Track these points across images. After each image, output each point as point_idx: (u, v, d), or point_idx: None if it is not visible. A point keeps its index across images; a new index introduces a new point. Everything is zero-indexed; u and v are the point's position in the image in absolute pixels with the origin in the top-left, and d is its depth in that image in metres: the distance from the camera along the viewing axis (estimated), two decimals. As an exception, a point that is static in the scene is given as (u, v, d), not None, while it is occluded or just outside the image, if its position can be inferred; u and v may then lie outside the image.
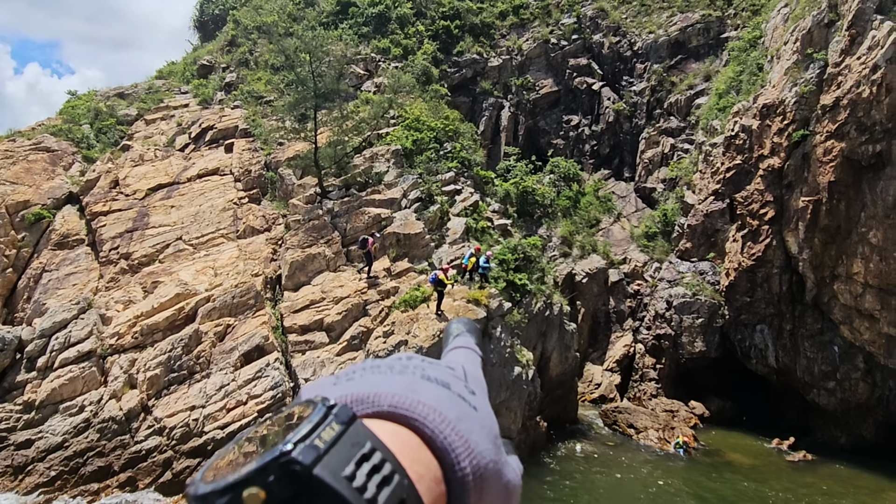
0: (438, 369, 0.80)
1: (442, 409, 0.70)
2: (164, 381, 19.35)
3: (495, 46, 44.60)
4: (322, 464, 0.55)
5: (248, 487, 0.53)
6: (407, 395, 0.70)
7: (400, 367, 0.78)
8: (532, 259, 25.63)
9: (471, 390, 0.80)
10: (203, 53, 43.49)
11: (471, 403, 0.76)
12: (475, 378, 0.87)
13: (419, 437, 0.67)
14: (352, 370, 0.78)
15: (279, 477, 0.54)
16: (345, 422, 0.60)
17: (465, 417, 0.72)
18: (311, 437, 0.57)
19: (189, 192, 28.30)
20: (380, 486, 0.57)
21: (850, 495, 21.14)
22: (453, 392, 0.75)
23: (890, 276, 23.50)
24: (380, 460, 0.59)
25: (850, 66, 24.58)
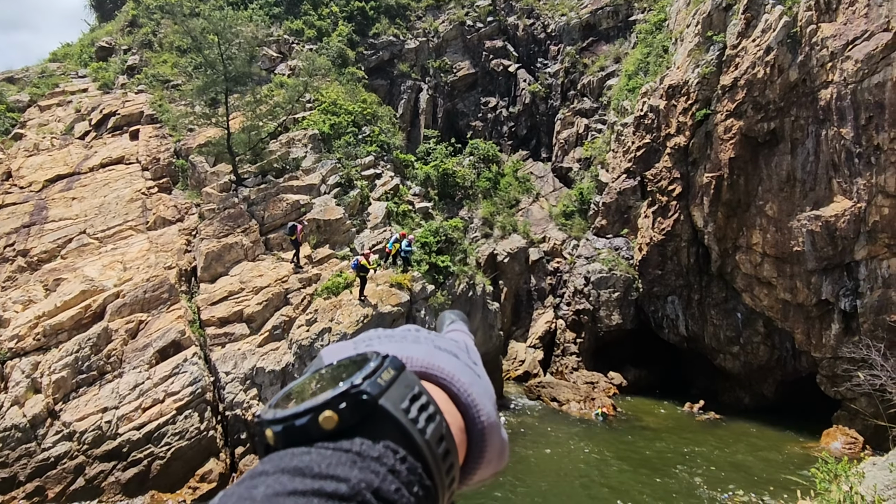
0: (446, 341, 0.91)
1: (459, 373, 0.82)
2: (71, 384, 18.33)
3: (412, 28, 44.26)
4: (385, 396, 0.66)
5: (324, 411, 0.64)
6: (429, 360, 0.81)
7: (413, 338, 0.88)
8: (454, 241, 25.86)
9: (473, 361, 0.91)
10: (102, 34, 40.87)
11: (476, 371, 0.87)
12: (474, 352, 0.97)
13: (446, 394, 0.79)
14: (367, 337, 0.88)
15: (350, 404, 0.64)
16: (397, 368, 0.71)
17: (475, 382, 0.83)
18: (374, 375, 0.67)
19: (92, 183, 26.73)
20: (427, 421, 0.68)
21: (754, 448, 22.81)
22: (461, 361, 0.86)
23: (784, 245, 25.23)
24: (426, 401, 0.70)
25: (747, 48, 25.99)
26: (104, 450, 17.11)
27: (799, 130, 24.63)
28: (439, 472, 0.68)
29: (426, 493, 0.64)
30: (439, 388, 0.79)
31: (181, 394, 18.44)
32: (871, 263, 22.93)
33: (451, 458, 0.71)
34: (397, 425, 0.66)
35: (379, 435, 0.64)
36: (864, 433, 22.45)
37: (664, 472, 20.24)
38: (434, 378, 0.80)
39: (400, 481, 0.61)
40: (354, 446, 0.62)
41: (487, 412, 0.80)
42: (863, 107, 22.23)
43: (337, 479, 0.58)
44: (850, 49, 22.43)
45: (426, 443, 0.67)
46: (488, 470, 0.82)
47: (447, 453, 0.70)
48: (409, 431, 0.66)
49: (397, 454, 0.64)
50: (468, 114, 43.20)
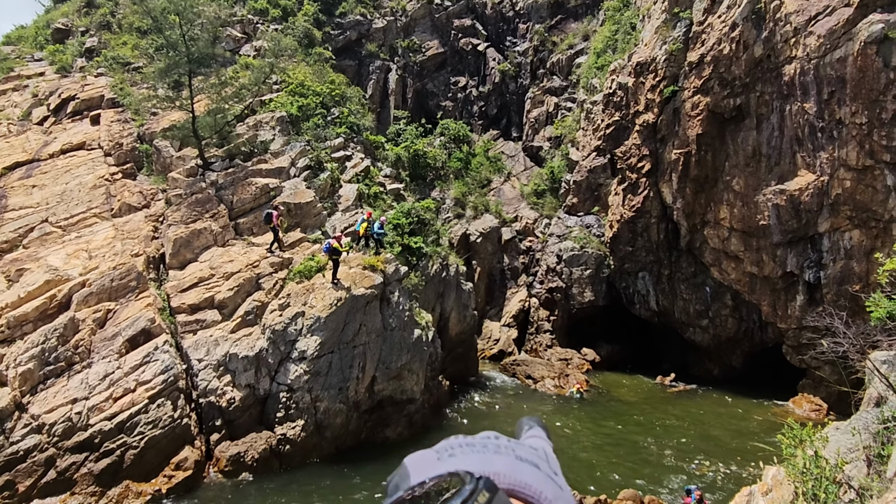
0: (527, 450, 0.91)
1: (542, 488, 0.82)
2: (38, 376, 17.93)
3: (379, 7, 43.65)
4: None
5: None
6: (514, 476, 0.81)
7: (494, 447, 0.88)
8: (426, 222, 25.80)
9: (554, 471, 0.91)
10: (58, 16, 39.47)
11: (557, 483, 0.87)
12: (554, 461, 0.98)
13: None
14: (449, 446, 0.88)
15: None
16: (491, 490, 0.72)
17: (559, 497, 0.84)
18: (471, 499, 0.69)
19: (52, 170, 25.96)
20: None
21: (724, 415, 23.45)
22: (543, 472, 0.86)
23: (751, 219, 25.71)
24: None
25: (713, 24, 26.19)
26: (75, 441, 16.83)
27: (764, 106, 25.00)
28: None
29: None
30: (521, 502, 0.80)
31: (153, 382, 18.19)
32: (834, 235, 23.51)
33: None
34: None
35: None
36: (827, 400, 23.21)
37: (636, 444, 20.69)
38: (521, 496, 0.80)
39: None
40: None
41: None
42: (825, 81, 22.62)
43: None
44: (812, 24, 22.74)
45: None
46: None
47: None
48: None
49: None
50: (438, 94, 42.92)
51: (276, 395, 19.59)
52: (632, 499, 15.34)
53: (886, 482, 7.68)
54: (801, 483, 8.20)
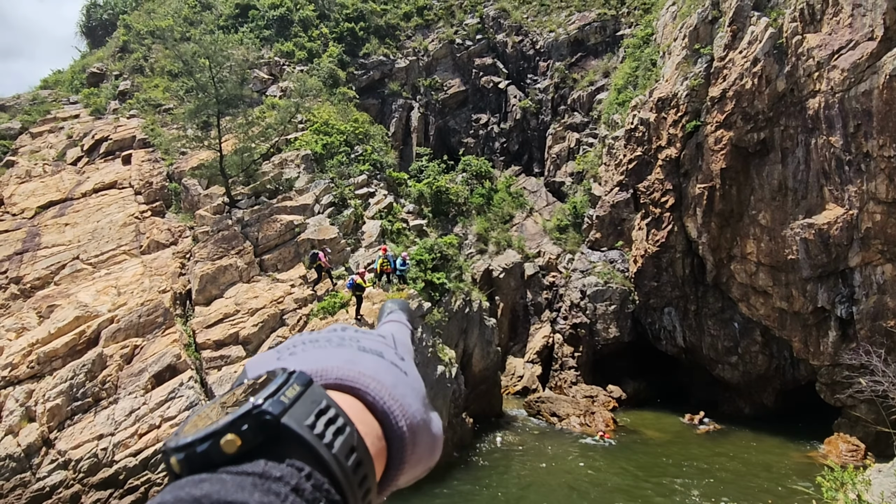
0: (371, 339, 0.90)
1: (379, 377, 0.81)
2: (66, 412, 18.09)
3: (401, 48, 44.62)
4: (288, 414, 0.65)
5: (225, 435, 0.62)
6: (349, 368, 0.80)
7: (338, 340, 0.88)
8: (449, 258, 25.83)
9: (401, 357, 0.90)
10: (93, 61, 41.03)
11: (402, 369, 0.86)
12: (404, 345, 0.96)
13: (362, 402, 0.78)
14: (291, 344, 0.87)
15: (252, 426, 0.63)
16: (304, 384, 0.70)
17: (399, 383, 0.82)
18: (277, 394, 0.66)
19: (85, 209, 26.63)
20: (335, 435, 0.67)
21: (756, 457, 22.68)
22: (386, 360, 0.85)
23: (779, 254, 25.31)
24: (334, 414, 0.69)
25: (734, 59, 26.28)
26: (100, 478, 16.85)
27: (789, 140, 24.84)
28: (350, 485, 0.67)
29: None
30: (356, 398, 0.78)
31: (178, 418, 18.21)
32: (866, 270, 23.01)
33: (363, 469, 0.70)
34: (302, 442, 0.65)
35: (283, 454, 0.64)
36: (865, 440, 22.38)
37: (663, 486, 20.08)
38: (348, 387, 0.79)
39: (304, 499, 0.61)
40: (257, 468, 0.61)
41: (410, 414, 0.80)
42: (851, 115, 22.45)
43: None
44: (835, 58, 22.69)
45: (333, 457, 0.66)
46: (417, 470, 0.83)
47: (359, 464, 0.70)
48: (313, 447, 0.65)
49: (302, 472, 0.63)
50: (460, 131, 43.42)
51: (299, 432, 19.47)
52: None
53: (934, 528, 7.33)
54: (843, 528, 7.85)
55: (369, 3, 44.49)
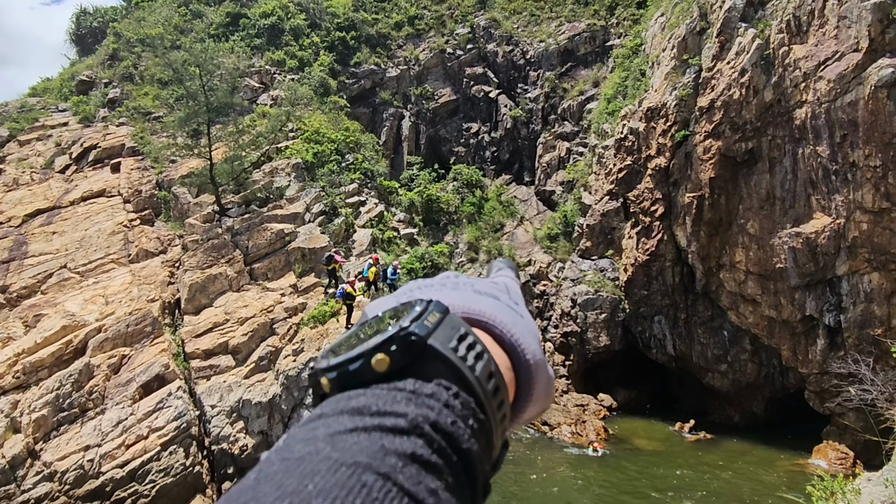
0: (486, 285, 0.92)
1: (499, 315, 0.83)
2: (52, 422, 17.88)
3: (392, 57, 44.75)
4: (433, 336, 0.68)
5: (376, 354, 0.65)
6: (470, 305, 0.82)
7: (452, 284, 0.89)
8: (440, 266, 25.85)
9: (515, 301, 0.92)
10: (82, 68, 40.84)
11: (518, 312, 0.88)
12: (516, 293, 0.97)
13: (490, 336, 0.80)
14: (408, 289, 0.89)
15: (400, 346, 0.66)
16: (442, 311, 0.72)
17: (518, 322, 0.84)
18: (421, 318, 0.69)
19: (73, 217, 26.44)
20: (476, 359, 0.70)
21: (746, 466, 22.72)
22: (502, 303, 0.87)
23: (767, 262, 25.47)
24: (473, 340, 0.71)
25: (722, 70, 26.52)
26: (87, 489, 16.65)
27: (776, 149, 25.06)
28: (491, 407, 0.70)
29: (480, 426, 0.66)
30: (483, 331, 0.80)
31: (166, 429, 18.06)
32: (853, 278, 23.20)
33: (501, 394, 0.72)
34: (447, 363, 0.67)
35: (431, 374, 0.66)
36: (854, 448, 22.49)
37: (654, 497, 20.06)
38: (476, 322, 0.81)
39: (455, 415, 0.63)
40: (408, 385, 0.64)
41: (532, 350, 0.82)
42: (837, 125, 22.69)
43: (395, 414, 0.60)
44: (822, 69, 22.96)
45: (476, 379, 0.69)
46: (536, 407, 0.84)
47: (497, 389, 0.72)
48: (459, 368, 0.68)
49: (450, 390, 0.65)
50: (451, 140, 43.53)
51: (288, 442, 19.32)
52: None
53: (923, 536, 7.37)
54: (833, 537, 7.88)
55: (360, 12, 44.63)
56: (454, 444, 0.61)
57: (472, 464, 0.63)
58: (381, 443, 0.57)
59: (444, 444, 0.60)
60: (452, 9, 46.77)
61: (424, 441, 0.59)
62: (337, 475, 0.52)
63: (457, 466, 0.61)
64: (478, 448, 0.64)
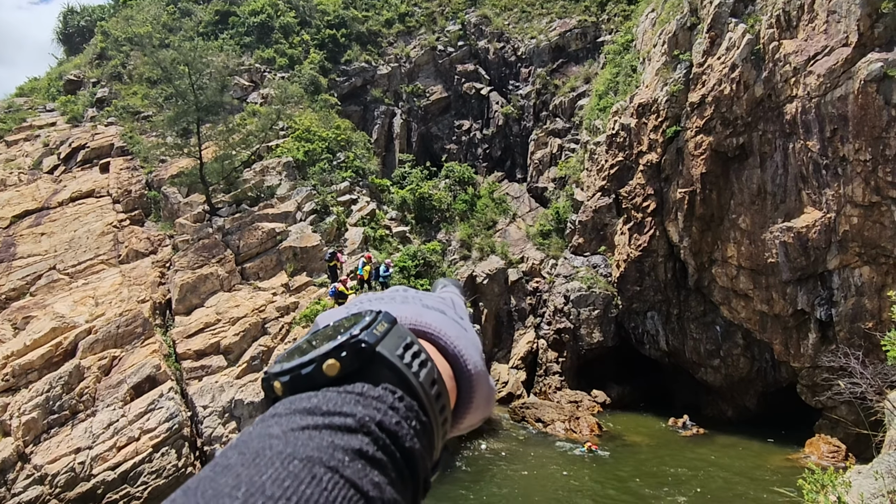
0: (433, 299, 0.98)
1: (446, 328, 0.88)
2: (42, 425, 17.74)
3: (383, 54, 44.58)
4: (382, 344, 0.73)
5: (327, 360, 0.70)
6: (418, 318, 0.87)
7: (401, 298, 0.95)
8: (432, 264, 25.79)
9: (460, 316, 0.97)
10: (70, 68, 40.50)
11: (462, 326, 0.93)
12: (461, 308, 1.03)
13: (434, 347, 0.85)
14: (359, 301, 0.94)
15: (350, 352, 0.71)
16: (390, 321, 0.77)
17: (462, 336, 0.89)
18: (371, 327, 0.74)
19: (62, 218, 26.22)
20: (420, 366, 0.75)
21: (739, 461, 22.79)
22: (448, 317, 0.92)
23: (759, 257, 25.56)
24: (418, 349, 0.76)
25: (712, 65, 26.56)
26: (78, 492, 16.53)
27: (767, 144, 25.13)
28: (433, 411, 0.74)
29: (423, 427, 0.71)
30: (429, 342, 0.85)
31: (157, 430, 17.95)
32: (844, 272, 23.30)
33: (443, 399, 0.77)
34: (394, 369, 0.72)
35: (378, 378, 0.70)
36: (845, 441, 22.60)
37: (648, 494, 20.09)
38: (423, 333, 0.86)
39: (399, 416, 0.68)
40: (357, 388, 0.69)
41: (474, 361, 0.87)
42: (827, 120, 22.76)
43: (344, 414, 0.65)
44: (811, 64, 23.02)
45: (420, 384, 0.73)
46: (477, 415, 0.88)
47: (439, 395, 0.77)
48: (404, 374, 0.72)
49: (395, 394, 0.70)
50: (442, 137, 43.44)
51: (281, 442, 19.26)
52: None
53: (914, 529, 7.38)
54: (824, 531, 7.88)
55: (351, 9, 44.42)
56: (398, 443, 0.66)
57: (415, 461, 0.68)
58: (330, 440, 0.61)
59: (388, 443, 0.65)
60: (443, 6, 46.64)
61: (371, 439, 0.64)
62: (290, 467, 0.56)
63: (400, 463, 0.65)
64: (420, 447, 0.69)
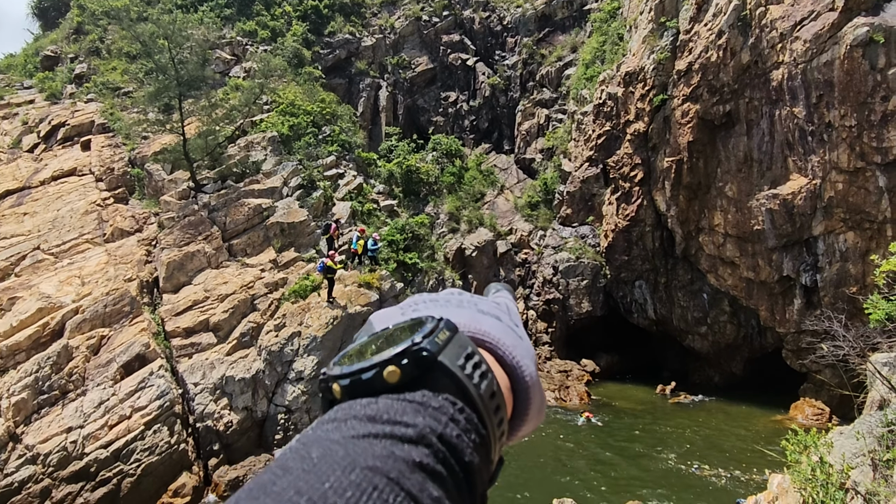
0: (488, 304, 0.95)
1: (502, 336, 0.87)
2: (32, 405, 17.71)
3: (367, 25, 43.86)
4: (443, 353, 0.72)
5: (388, 366, 0.69)
6: (475, 326, 0.86)
7: (456, 301, 0.93)
8: (421, 237, 25.75)
9: (515, 323, 0.95)
10: (46, 43, 39.56)
11: (517, 333, 0.91)
12: (515, 314, 1.00)
13: (492, 356, 0.84)
14: (413, 302, 0.93)
15: (412, 360, 0.70)
16: (451, 329, 0.76)
17: (518, 344, 0.88)
18: (432, 335, 0.73)
19: (44, 197, 25.86)
20: (480, 378, 0.74)
21: (726, 425, 23.25)
22: (504, 323, 0.91)
23: (745, 225, 25.70)
24: (479, 359, 0.75)
25: (699, 32, 26.35)
26: (71, 471, 16.58)
27: (753, 111, 25.09)
28: (492, 423, 0.73)
29: (482, 440, 0.70)
30: (486, 350, 0.84)
31: (149, 408, 17.98)
32: (829, 238, 23.51)
33: (501, 412, 0.76)
34: (454, 380, 0.71)
35: (438, 388, 0.70)
36: (829, 403, 23.07)
37: (638, 456, 20.47)
38: (481, 342, 0.85)
39: (460, 428, 0.67)
40: (417, 397, 0.68)
41: (530, 372, 0.86)
42: (813, 86, 22.73)
43: (405, 424, 0.64)
44: (798, 30, 22.90)
45: (480, 396, 0.72)
46: (530, 425, 0.88)
47: (498, 407, 0.76)
48: (465, 385, 0.71)
49: (456, 405, 0.69)
50: (429, 109, 43.02)
51: (274, 416, 19.38)
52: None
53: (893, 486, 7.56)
54: (807, 490, 8.06)
55: (333, -21, 43.54)
56: (457, 456, 0.65)
57: (473, 475, 0.66)
58: (391, 449, 0.61)
59: (448, 456, 0.64)
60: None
61: (431, 451, 0.63)
62: (351, 476, 0.56)
63: (459, 477, 0.64)
64: (478, 461, 0.68)
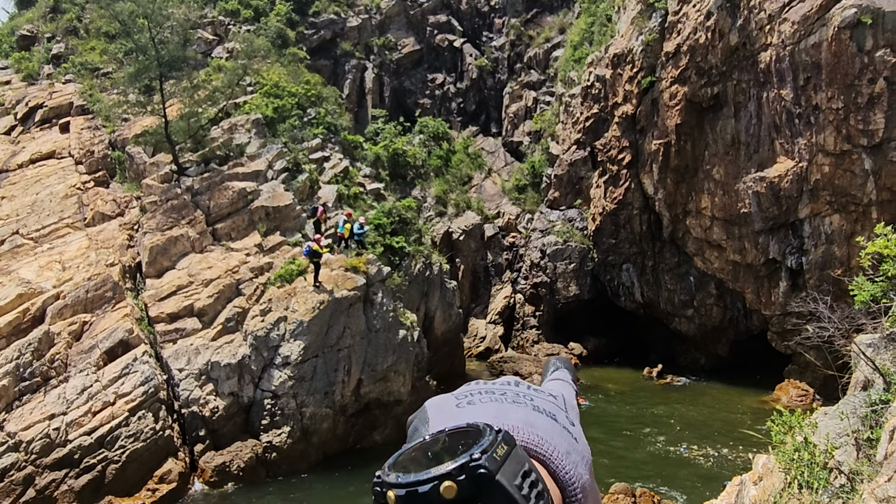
0: (544, 400, 0.95)
1: (556, 444, 0.86)
2: (14, 392, 17.44)
3: (353, 5, 43.18)
4: (501, 471, 0.70)
5: (445, 481, 0.68)
6: (530, 431, 0.86)
7: (512, 396, 0.93)
8: (408, 221, 25.55)
9: (571, 421, 0.95)
10: (22, 22, 38.53)
11: (573, 435, 0.91)
12: (573, 408, 1.01)
13: (546, 469, 0.84)
14: (469, 392, 0.94)
15: (469, 477, 0.69)
16: (510, 443, 0.75)
17: (572, 451, 0.87)
18: (490, 450, 0.71)
19: (22, 181, 25.33)
20: (537, 498, 0.72)
21: (712, 406, 23.48)
22: (559, 424, 0.91)
23: (732, 207, 25.75)
24: (536, 478, 0.74)
25: (688, 13, 26.16)
26: (54, 458, 16.40)
27: (741, 94, 25.02)
28: None
29: None
30: (538, 462, 0.83)
31: (133, 394, 17.78)
32: (815, 221, 23.60)
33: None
34: (511, 500, 0.69)
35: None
36: (813, 385, 23.31)
37: (626, 437, 20.62)
38: (535, 454, 0.83)
39: None
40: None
41: (581, 483, 0.85)
42: (801, 68, 22.67)
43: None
44: (786, 11, 22.78)
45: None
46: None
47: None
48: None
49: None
50: (416, 91, 42.59)
51: (260, 402, 19.25)
52: (623, 492, 15.21)
53: (876, 465, 7.58)
54: (791, 470, 8.08)
55: (317, -42, 42.72)
56: None
57: None
58: None
59: None
60: (413, -46, 45.08)
61: None
62: None
63: None
64: None
